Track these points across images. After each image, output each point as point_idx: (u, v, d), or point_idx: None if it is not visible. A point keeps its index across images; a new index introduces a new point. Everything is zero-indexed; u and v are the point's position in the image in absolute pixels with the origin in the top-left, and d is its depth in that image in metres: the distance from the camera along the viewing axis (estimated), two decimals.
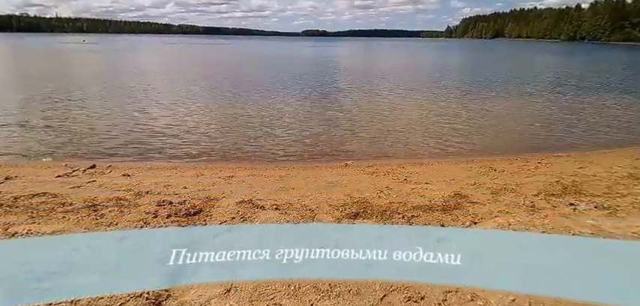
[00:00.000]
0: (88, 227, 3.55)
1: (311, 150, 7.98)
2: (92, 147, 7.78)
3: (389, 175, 5.84)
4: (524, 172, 5.96)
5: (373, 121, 10.67)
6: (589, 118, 11.44)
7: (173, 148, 7.87)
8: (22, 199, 4.27)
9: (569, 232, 3.52)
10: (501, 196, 4.67)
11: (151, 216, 3.85)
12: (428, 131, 9.67)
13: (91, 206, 4.06)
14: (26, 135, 8.57)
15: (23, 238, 3.31)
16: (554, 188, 4.92)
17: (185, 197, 4.46)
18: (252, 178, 5.58)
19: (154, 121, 10.11)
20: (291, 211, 4.07)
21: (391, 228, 3.68)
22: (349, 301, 2.54)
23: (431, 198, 4.56)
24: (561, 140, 9.04)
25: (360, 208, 4.19)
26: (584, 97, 15.32)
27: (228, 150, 7.89)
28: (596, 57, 46.15)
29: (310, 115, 11.20)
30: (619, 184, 5.08)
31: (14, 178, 5.27)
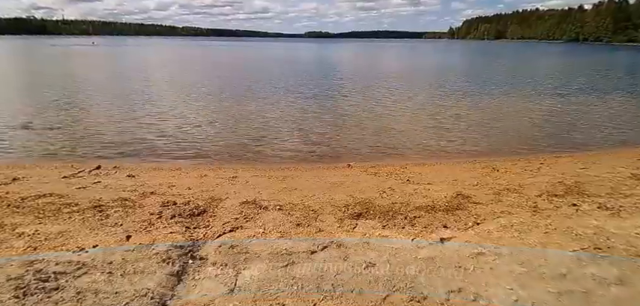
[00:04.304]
0: (94, 227, 3.59)
1: (314, 151, 8.01)
2: (98, 148, 7.85)
3: (391, 175, 5.85)
4: (526, 173, 5.95)
5: (376, 122, 10.68)
6: (592, 119, 11.40)
7: (177, 148, 7.93)
8: (29, 199, 4.32)
9: (571, 232, 3.52)
10: (504, 196, 4.67)
11: (155, 216, 3.89)
12: (430, 132, 9.66)
13: (96, 207, 4.10)
14: (33, 136, 8.64)
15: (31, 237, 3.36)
16: (557, 189, 4.91)
17: (189, 198, 4.50)
18: (255, 179, 5.60)
19: (159, 122, 10.18)
20: (295, 211, 4.10)
21: (394, 228, 3.70)
22: (352, 301, 2.55)
23: (433, 199, 4.56)
24: (564, 141, 9.01)
25: (363, 208, 4.20)
26: (586, 97, 15.26)
27: (232, 151, 7.93)
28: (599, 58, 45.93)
29: (313, 116, 11.22)
30: (622, 185, 5.06)
31: (21, 179, 5.32)
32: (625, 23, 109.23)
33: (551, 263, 2.95)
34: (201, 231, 3.58)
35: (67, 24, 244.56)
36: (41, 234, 3.41)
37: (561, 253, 3.13)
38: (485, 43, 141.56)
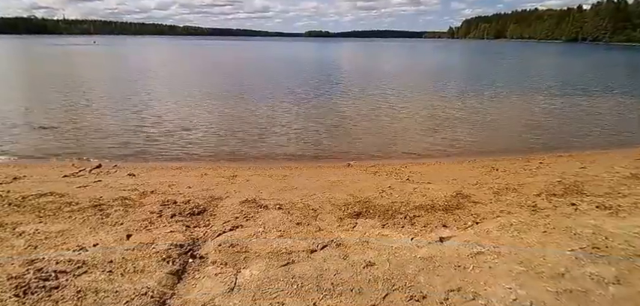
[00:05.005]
0: (94, 226, 3.60)
1: (314, 150, 8.03)
2: (98, 147, 7.86)
3: (391, 175, 5.86)
4: (526, 172, 5.97)
5: (376, 121, 10.70)
6: (591, 119, 11.42)
7: (177, 148, 7.94)
8: (30, 198, 4.32)
9: (570, 231, 3.54)
10: (503, 195, 4.68)
11: (155, 215, 3.90)
12: (430, 131, 9.68)
13: (96, 206, 4.11)
14: (34, 135, 8.66)
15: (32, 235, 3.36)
16: (556, 188, 4.93)
17: (189, 197, 4.50)
18: (255, 178, 5.61)
19: (159, 121, 10.19)
20: (295, 210, 4.11)
21: (393, 228, 3.71)
22: (352, 299, 2.55)
23: (433, 198, 4.58)
24: (563, 140, 9.04)
25: (363, 207, 4.22)
26: (585, 97, 15.29)
27: (232, 150, 7.95)
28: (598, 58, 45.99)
29: (313, 116, 11.24)
30: (621, 185, 5.08)
31: (22, 177, 5.33)
32: (624, 23, 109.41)
33: (550, 262, 2.96)
34: (202, 230, 3.59)
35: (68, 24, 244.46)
36: (42, 233, 3.41)
37: (560, 252, 3.14)
38: (485, 43, 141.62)
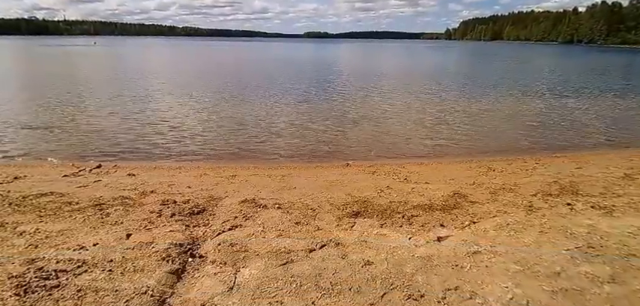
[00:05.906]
0: (94, 226, 3.61)
1: (313, 150, 8.05)
2: (98, 147, 7.85)
3: (389, 174, 5.90)
4: (522, 173, 6.02)
5: (374, 121, 10.73)
6: (586, 120, 11.50)
7: (177, 148, 7.95)
8: (30, 198, 4.32)
9: (566, 231, 3.58)
10: (500, 195, 4.73)
11: (155, 215, 3.91)
12: (428, 132, 9.73)
13: (96, 205, 4.12)
14: (35, 135, 8.63)
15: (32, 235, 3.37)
16: (552, 188, 4.98)
17: (189, 196, 4.52)
18: (254, 178, 5.63)
19: (159, 121, 10.18)
20: (293, 210, 4.13)
21: (391, 227, 3.74)
22: (350, 298, 2.57)
23: (431, 197, 4.61)
24: (559, 141, 9.10)
25: (361, 207, 4.24)
26: (580, 98, 15.38)
27: (232, 150, 7.96)
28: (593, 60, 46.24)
29: (312, 116, 11.26)
30: (615, 185, 5.13)
31: (23, 177, 5.33)
32: (618, 26, 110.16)
33: (546, 262, 2.99)
34: (201, 229, 3.61)
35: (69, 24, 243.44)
36: (42, 232, 3.42)
37: (556, 251, 3.17)
38: (482, 44, 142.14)
